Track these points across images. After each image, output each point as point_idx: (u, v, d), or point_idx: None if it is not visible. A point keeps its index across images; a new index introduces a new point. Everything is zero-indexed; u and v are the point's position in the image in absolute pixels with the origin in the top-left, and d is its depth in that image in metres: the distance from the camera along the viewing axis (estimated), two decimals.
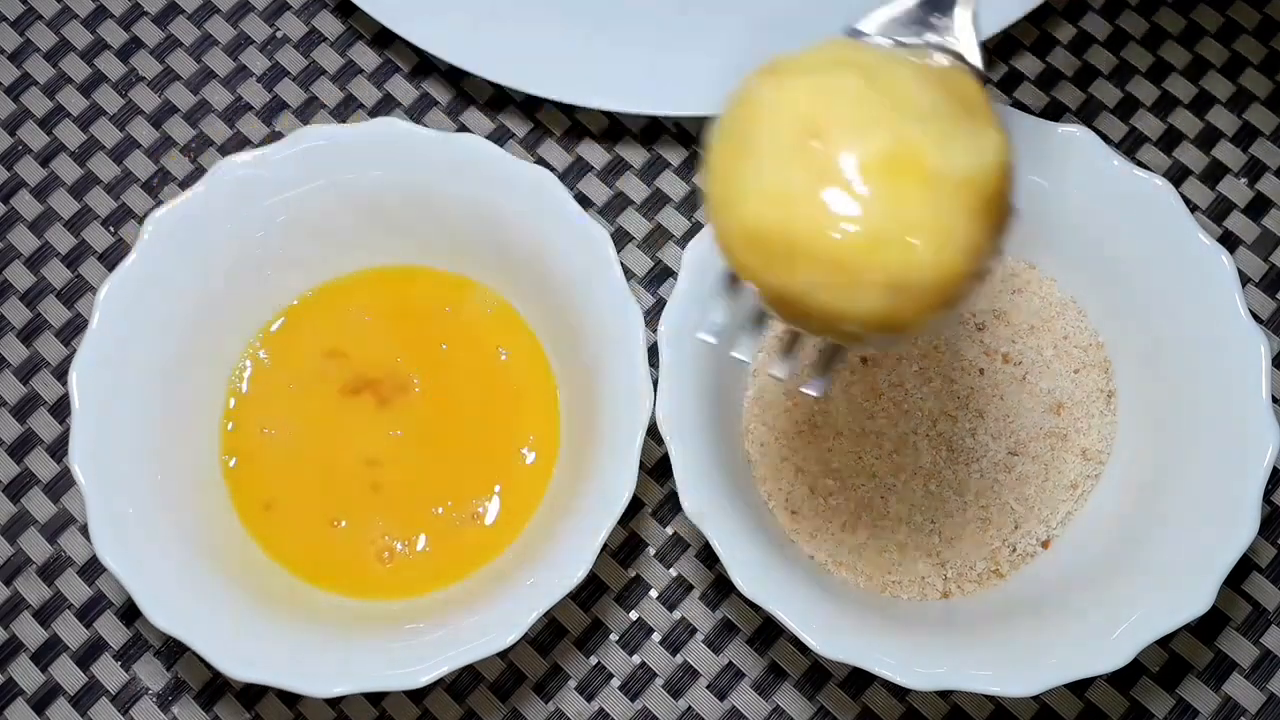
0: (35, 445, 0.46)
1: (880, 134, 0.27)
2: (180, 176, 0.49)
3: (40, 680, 0.44)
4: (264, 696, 0.43)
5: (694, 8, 0.49)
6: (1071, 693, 0.43)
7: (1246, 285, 0.46)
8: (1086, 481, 0.42)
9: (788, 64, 0.29)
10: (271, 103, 0.50)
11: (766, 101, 0.28)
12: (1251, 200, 0.48)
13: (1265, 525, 0.43)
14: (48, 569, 0.45)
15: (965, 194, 0.27)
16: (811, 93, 0.27)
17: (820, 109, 0.27)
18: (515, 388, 0.43)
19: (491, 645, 0.37)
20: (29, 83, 0.51)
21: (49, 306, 0.48)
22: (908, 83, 0.28)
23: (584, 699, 0.43)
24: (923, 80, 0.28)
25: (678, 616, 0.44)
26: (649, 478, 0.45)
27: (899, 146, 0.27)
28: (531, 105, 0.49)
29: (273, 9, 0.51)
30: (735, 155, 0.29)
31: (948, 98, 0.28)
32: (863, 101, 0.27)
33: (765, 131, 0.28)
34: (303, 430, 0.43)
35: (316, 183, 0.42)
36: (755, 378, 0.43)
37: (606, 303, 0.40)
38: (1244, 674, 0.43)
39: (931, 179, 0.27)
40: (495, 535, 0.41)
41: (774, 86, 0.28)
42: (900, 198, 0.27)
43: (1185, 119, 0.49)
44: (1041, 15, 0.50)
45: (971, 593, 0.41)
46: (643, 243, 0.48)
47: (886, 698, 0.43)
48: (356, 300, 0.44)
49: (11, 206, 0.49)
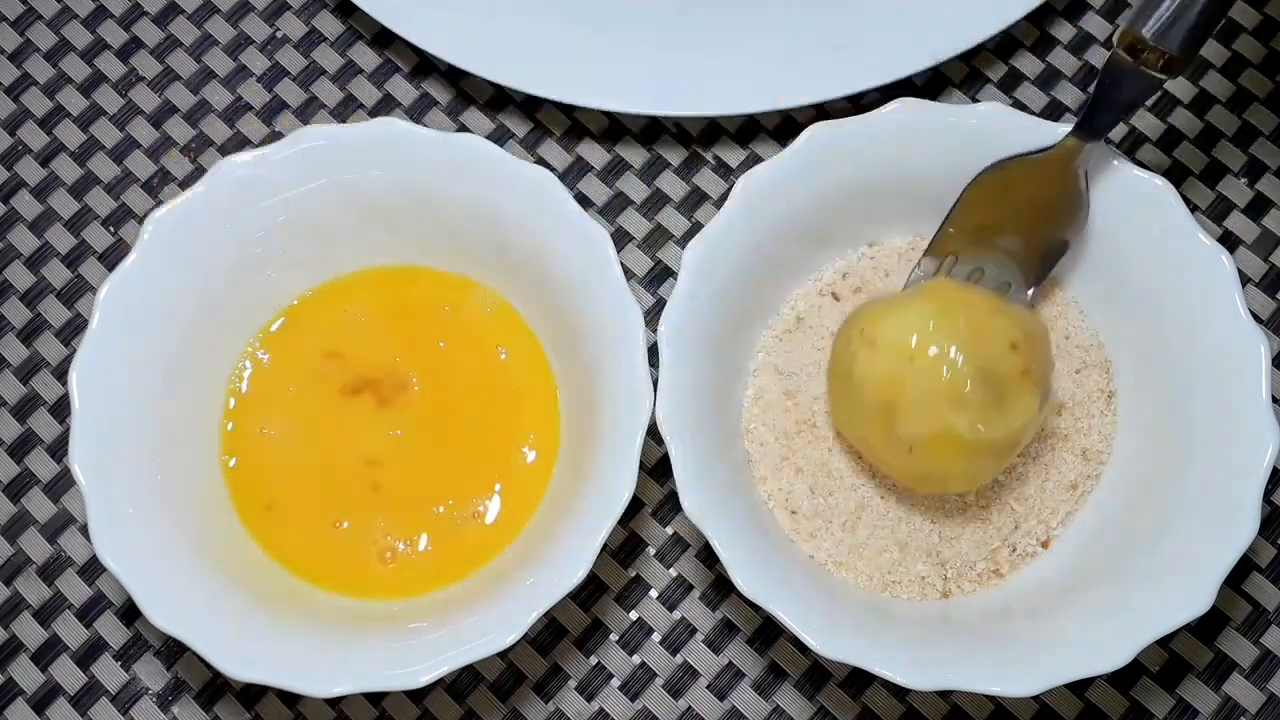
0: (35, 445, 0.46)
1: (931, 419, 0.38)
2: (180, 176, 0.49)
3: (40, 680, 0.44)
4: (264, 696, 0.43)
5: (694, 8, 0.49)
6: (1071, 693, 0.43)
7: (1246, 285, 0.46)
8: (1086, 482, 0.42)
9: (882, 336, 0.38)
10: (271, 103, 0.50)
11: (862, 368, 0.39)
12: (1251, 200, 0.48)
13: (1265, 525, 0.43)
14: (48, 569, 0.45)
15: (993, 452, 0.38)
16: (889, 383, 0.38)
17: (894, 394, 0.38)
18: (515, 387, 0.43)
19: (491, 645, 0.37)
20: (29, 83, 0.51)
21: (49, 306, 0.48)
22: (958, 374, 0.37)
23: (584, 699, 0.43)
24: (971, 370, 0.37)
25: (678, 616, 0.44)
26: (649, 478, 0.45)
27: (943, 429, 0.38)
28: (531, 105, 0.49)
29: (273, 9, 0.51)
30: (843, 394, 0.40)
31: (990, 386, 0.38)
32: (922, 394, 0.38)
33: (862, 389, 0.39)
34: (303, 430, 0.43)
35: (316, 183, 0.42)
36: (755, 378, 0.43)
37: (606, 303, 0.40)
38: (1244, 674, 0.43)
39: (965, 449, 0.38)
40: (496, 534, 0.41)
41: (867, 360, 0.39)
42: (941, 458, 0.38)
43: (1185, 119, 0.49)
44: (1041, 15, 0.50)
45: (971, 592, 0.41)
46: (643, 243, 0.48)
47: (886, 698, 0.43)
48: (356, 300, 0.44)
49: (11, 206, 0.49)
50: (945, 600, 0.41)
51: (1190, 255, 0.40)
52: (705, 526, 0.38)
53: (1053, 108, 0.49)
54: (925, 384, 0.38)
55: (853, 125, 0.42)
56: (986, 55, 0.50)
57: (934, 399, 0.38)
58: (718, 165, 0.49)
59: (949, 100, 0.49)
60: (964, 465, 0.39)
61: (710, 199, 0.48)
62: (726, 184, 0.48)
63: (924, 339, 0.38)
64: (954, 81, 0.49)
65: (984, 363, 0.38)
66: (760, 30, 0.48)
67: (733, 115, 0.48)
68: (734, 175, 0.48)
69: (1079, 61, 0.50)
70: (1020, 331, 0.38)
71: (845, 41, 0.47)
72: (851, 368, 0.39)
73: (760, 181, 0.41)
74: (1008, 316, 0.39)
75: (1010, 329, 0.38)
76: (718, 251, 0.41)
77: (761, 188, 0.41)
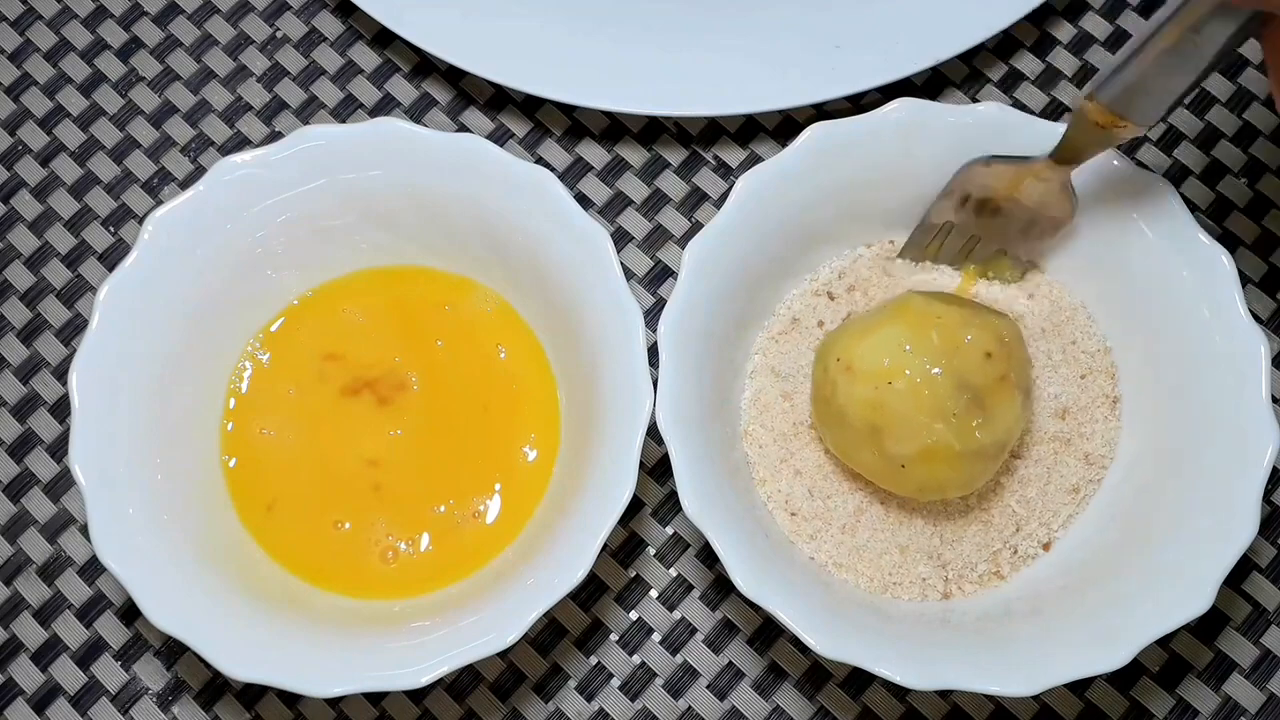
0: (35, 445, 0.46)
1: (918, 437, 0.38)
2: (180, 176, 0.49)
3: (40, 680, 0.44)
4: (264, 696, 0.43)
5: (694, 8, 0.49)
6: (1071, 693, 0.43)
7: (1246, 285, 0.46)
8: (1088, 485, 0.42)
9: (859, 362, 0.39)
10: (271, 103, 0.50)
11: (843, 396, 0.39)
12: (1251, 200, 0.48)
13: (1265, 525, 0.43)
14: (48, 569, 0.45)
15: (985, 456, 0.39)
16: (872, 407, 0.38)
17: (878, 418, 0.39)
18: (515, 387, 0.43)
19: (491, 645, 0.37)
20: (29, 83, 0.51)
21: (49, 306, 0.48)
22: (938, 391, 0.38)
23: (584, 699, 0.43)
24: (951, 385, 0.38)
25: (678, 616, 0.44)
26: (649, 478, 0.45)
27: (932, 445, 0.38)
28: (531, 105, 0.49)
29: (273, 9, 0.51)
30: (829, 420, 0.40)
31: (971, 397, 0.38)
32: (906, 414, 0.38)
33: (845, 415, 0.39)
34: (303, 430, 0.43)
35: (316, 183, 0.42)
36: (753, 379, 0.43)
37: (606, 302, 0.40)
38: (1244, 674, 0.43)
39: (956, 459, 0.38)
40: (496, 534, 0.41)
41: (847, 387, 0.39)
42: (934, 471, 0.39)
43: (1185, 119, 0.49)
44: (1041, 15, 0.50)
45: (972, 594, 0.41)
46: (643, 243, 0.48)
47: (886, 698, 0.43)
48: (356, 300, 0.44)
49: (11, 206, 0.49)
50: (946, 601, 0.41)
51: (1190, 255, 0.40)
52: (705, 527, 0.38)
53: (1053, 108, 0.49)
54: (907, 405, 0.38)
55: (853, 125, 0.42)
56: (986, 55, 0.50)
57: (918, 418, 0.38)
58: (718, 165, 0.49)
59: (949, 100, 0.49)
60: (958, 473, 0.39)
61: (710, 199, 0.48)
62: (726, 184, 0.48)
63: (900, 360, 0.38)
64: (954, 81, 0.49)
65: (962, 376, 0.38)
66: (760, 30, 0.48)
67: (733, 115, 0.48)
68: (734, 175, 0.48)
69: (1079, 61, 0.50)
70: (993, 339, 0.39)
71: (845, 41, 0.47)
72: (833, 396, 0.39)
73: (760, 181, 0.41)
74: (979, 326, 0.39)
75: (983, 338, 0.39)
76: (717, 251, 0.41)
77: (761, 188, 0.41)
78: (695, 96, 0.47)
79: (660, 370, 0.39)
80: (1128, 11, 0.50)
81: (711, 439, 0.40)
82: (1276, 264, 0.47)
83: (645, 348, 0.39)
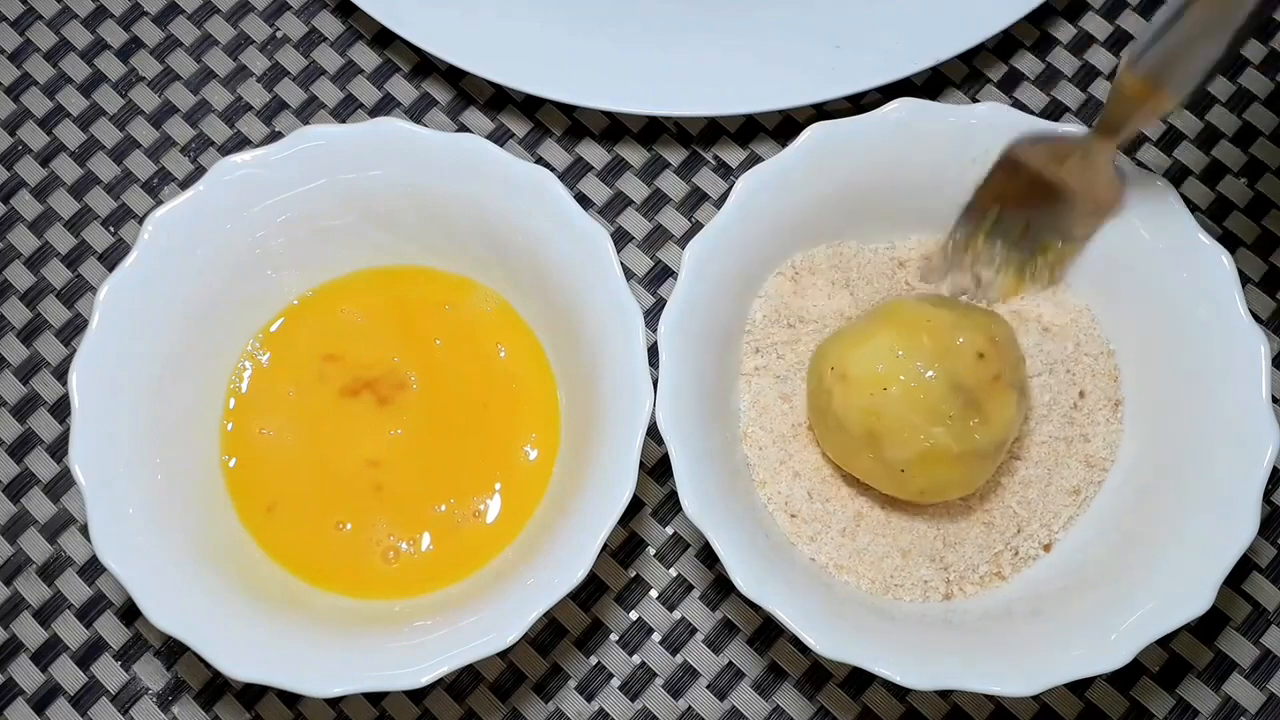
0: (35, 445, 0.46)
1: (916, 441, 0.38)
2: (180, 176, 0.49)
3: (40, 680, 0.44)
4: (264, 696, 0.43)
5: (694, 8, 0.49)
6: (1071, 693, 0.43)
7: (1246, 285, 0.46)
8: (1089, 487, 0.42)
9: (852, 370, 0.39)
10: (271, 103, 0.50)
11: (839, 405, 0.39)
12: (1251, 200, 0.48)
13: (1265, 525, 0.43)
14: (48, 569, 0.45)
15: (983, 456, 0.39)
16: (868, 414, 0.39)
17: (875, 424, 0.39)
18: (515, 386, 0.43)
19: (491, 645, 0.37)
20: (29, 83, 0.51)
21: (49, 306, 0.48)
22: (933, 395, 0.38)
23: (584, 699, 0.43)
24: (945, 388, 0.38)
25: (678, 616, 0.44)
26: (649, 478, 0.45)
27: (930, 448, 0.38)
28: (531, 105, 0.49)
29: (273, 9, 0.51)
30: (826, 429, 0.40)
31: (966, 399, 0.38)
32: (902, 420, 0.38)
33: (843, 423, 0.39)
34: (303, 431, 0.43)
35: (316, 183, 0.42)
36: (751, 381, 0.43)
37: (606, 302, 0.40)
38: (1244, 674, 0.43)
39: (955, 460, 0.39)
40: (496, 534, 0.41)
41: (842, 395, 0.39)
42: (933, 474, 0.39)
43: (1185, 119, 0.49)
44: (1041, 16, 0.50)
45: (973, 594, 0.41)
46: (643, 243, 0.48)
47: (886, 698, 0.43)
48: (356, 300, 0.44)
49: (11, 206, 0.49)
50: (947, 602, 0.41)
51: (1190, 255, 0.40)
52: (705, 527, 0.38)
53: (1053, 108, 0.49)
54: (903, 410, 0.38)
55: (853, 125, 0.42)
56: (986, 55, 0.50)
57: (914, 422, 0.38)
58: (718, 165, 0.49)
59: (949, 100, 0.49)
60: (958, 474, 0.39)
61: (710, 199, 0.48)
62: (726, 184, 0.48)
63: (893, 366, 0.38)
64: (954, 81, 0.49)
65: (955, 378, 0.38)
66: (760, 30, 0.48)
67: (733, 115, 0.48)
68: (734, 175, 0.48)
69: (1079, 61, 0.50)
70: (985, 339, 0.39)
71: (845, 41, 0.47)
72: (829, 405, 0.40)
73: (760, 181, 0.41)
74: (970, 327, 0.39)
75: (975, 340, 0.39)
76: (718, 251, 0.41)
77: (761, 188, 0.41)
78: (695, 96, 0.47)
79: (660, 370, 0.39)
80: (1128, 11, 0.50)
81: (712, 439, 0.40)
82: (1276, 264, 0.47)
83: (645, 348, 0.39)
